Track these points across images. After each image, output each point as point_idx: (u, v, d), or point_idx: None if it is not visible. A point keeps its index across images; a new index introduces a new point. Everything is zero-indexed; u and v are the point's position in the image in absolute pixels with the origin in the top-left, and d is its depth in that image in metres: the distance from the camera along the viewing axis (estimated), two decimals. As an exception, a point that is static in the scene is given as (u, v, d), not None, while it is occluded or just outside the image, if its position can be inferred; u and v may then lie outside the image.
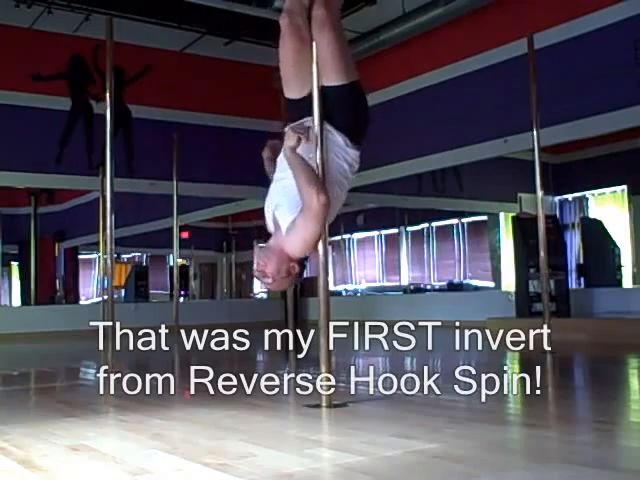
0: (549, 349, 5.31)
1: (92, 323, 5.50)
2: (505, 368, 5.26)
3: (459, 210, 12.72)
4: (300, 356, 5.96)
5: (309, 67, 3.10)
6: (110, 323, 4.90)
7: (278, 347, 7.84)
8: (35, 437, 2.53)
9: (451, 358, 5.61)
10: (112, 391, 4.14)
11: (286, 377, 4.75)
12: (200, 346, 8.38)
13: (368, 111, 3.19)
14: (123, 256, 17.41)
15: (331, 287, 3.03)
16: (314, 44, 3.06)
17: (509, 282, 10.69)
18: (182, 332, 8.26)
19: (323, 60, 3.07)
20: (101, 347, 4.93)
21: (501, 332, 7.40)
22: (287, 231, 2.89)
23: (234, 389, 3.91)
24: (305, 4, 3.11)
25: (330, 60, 3.05)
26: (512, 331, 7.34)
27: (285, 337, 6.91)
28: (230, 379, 3.92)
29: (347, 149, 3.08)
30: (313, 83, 3.09)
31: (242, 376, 4.91)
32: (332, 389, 3.02)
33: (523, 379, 4.57)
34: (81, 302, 16.16)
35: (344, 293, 14.40)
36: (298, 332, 6.94)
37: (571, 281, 9.62)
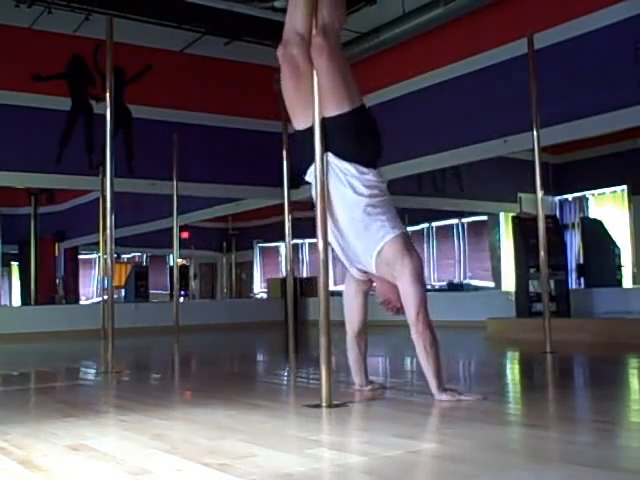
0: (549, 349, 5.31)
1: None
2: (505, 368, 5.26)
3: (459, 210, 12.72)
4: (300, 356, 5.96)
5: (310, 96, 3.07)
6: (110, 323, 4.89)
7: (278, 347, 7.85)
8: (35, 437, 2.53)
9: (451, 358, 5.61)
10: (112, 391, 4.15)
11: (286, 377, 4.76)
12: (200, 346, 8.41)
13: (376, 135, 3.19)
14: (123, 256, 17.43)
15: (331, 287, 3.05)
16: (314, 72, 3.04)
17: (509, 282, 10.69)
18: (182, 332, 8.29)
19: (323, 89, 3.05)
20: (101, 347, 4.93)
21: (501, 332, 7.44)
22: (392, 265, 3.09)
23: (234, 389, 3.91)
24: (303, 33, 3.09)
25: (329, 89, 3.04)
26: (512, 331, 7.38)
27: (285, 337, 6.90)
28: (230, 379, 3.92)
29: (362, 176, 3.09)
30: (315, 112, 3.04)
31: (242, 376, 4.92)
32: (332, 389, 3.02)
33: (523, 379, 4.58)
34: (81, 302, 16.17)
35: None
36: (298, 332, 6.94)
37: (571, 281, 9.62)
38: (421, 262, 3.16)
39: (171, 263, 15.98)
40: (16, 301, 16.37)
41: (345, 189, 3.12)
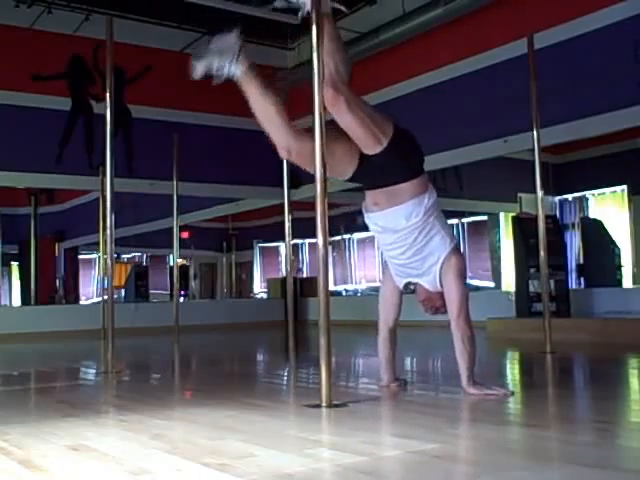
0: (549, 349, 5.31)
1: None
2: (505, 368, 5.26)
3: (459, 210, 12.72)
4: (300, 356, 5.95)
5: (336, 155, 3.17)
6: (110, 323, 4.89)
7: (278, 347, 7.85)
8: (35, 437, 2.53)
9: (451, 358, 5.61)
10: (112, 391, 4.15)
11: (286, 377, 4.76)
12: (200, 346, 8.41)
13: (415, 142, 3.31)
14: (123, 256, 17.42)
15: (331, 287, 3.08)
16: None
17: (509, 282, 10.69)
18: (182, 332, 8.29)
19: (355, 137, 3.14)
20: (101, 347, 4.93)
21: (501, 332, 7.44)
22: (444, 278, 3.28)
23: (234, 389, 3.91)
24: (290, 132, 3.13)
25: (361, 135, 3.11)
26: (512, 331, 7.38)
27: (285, 337, 6.89)
28: (230, 379, 3.92)
29: (421, 205, 3.19)
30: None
31: (242, 376, 4.92)
32: (332, 389, 3.02)
33: (523, 379, 4.58)
34: (81, 302, 16.17)
35: (344, 293, 14.40)
36: (298, 332, 6.94)
37: (571, 281, 9.62)
38: (465, 263, 3.35)
39: (171, 263, 15.98)
40: (16, 301, 16.36)
41: (401, 222, 3.23)
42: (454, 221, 13.50)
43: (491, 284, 12.70)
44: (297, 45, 10.13)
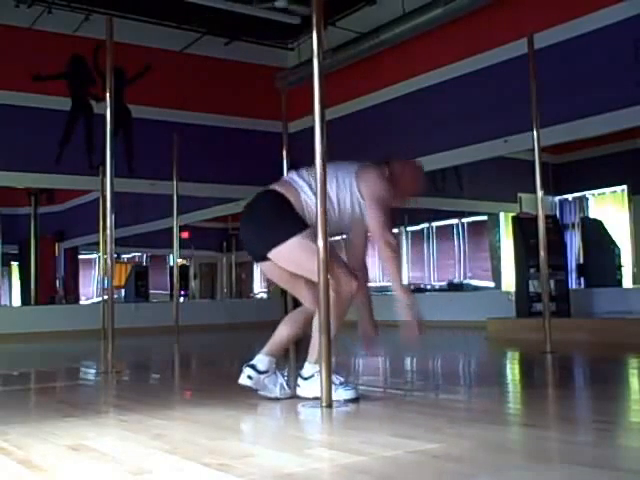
0: (549, 349, 5.31)
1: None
2: (505, 368, 5.26)
3: (459, 210, 12.71)
4: (300, 356, 5.95)
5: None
6: (110, 323, 4.88)
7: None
8: (35, 437, 2.53)
9: (451, 358, 5.61)
10: (112, 391, 4.15)
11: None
12: (200, 346, 8.41)
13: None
14: (123, 256, 17.41)
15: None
16: None
17: (509, 282, 10.68)
18: (182, 332, 8.29)
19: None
20: (101, 347, 4.93)
21: (501, 332, 7.44)
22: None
23: (234, 389, 3.91)
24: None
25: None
26: (512, 331, 7.38)
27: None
28: (230, 379, 3.92)
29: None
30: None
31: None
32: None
33: (523, 379, 4.58)
34: (81, 302, 16.16)
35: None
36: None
37: (571, 281, 9.62)
38: (380, 179, 3.38)
39: (171, 263, 15.97)
40: (16, 301, 16.36)
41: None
42: (454, 221, 13.51)
43: (491, 284, 12.70)
44: (297, 45, 10.13)
